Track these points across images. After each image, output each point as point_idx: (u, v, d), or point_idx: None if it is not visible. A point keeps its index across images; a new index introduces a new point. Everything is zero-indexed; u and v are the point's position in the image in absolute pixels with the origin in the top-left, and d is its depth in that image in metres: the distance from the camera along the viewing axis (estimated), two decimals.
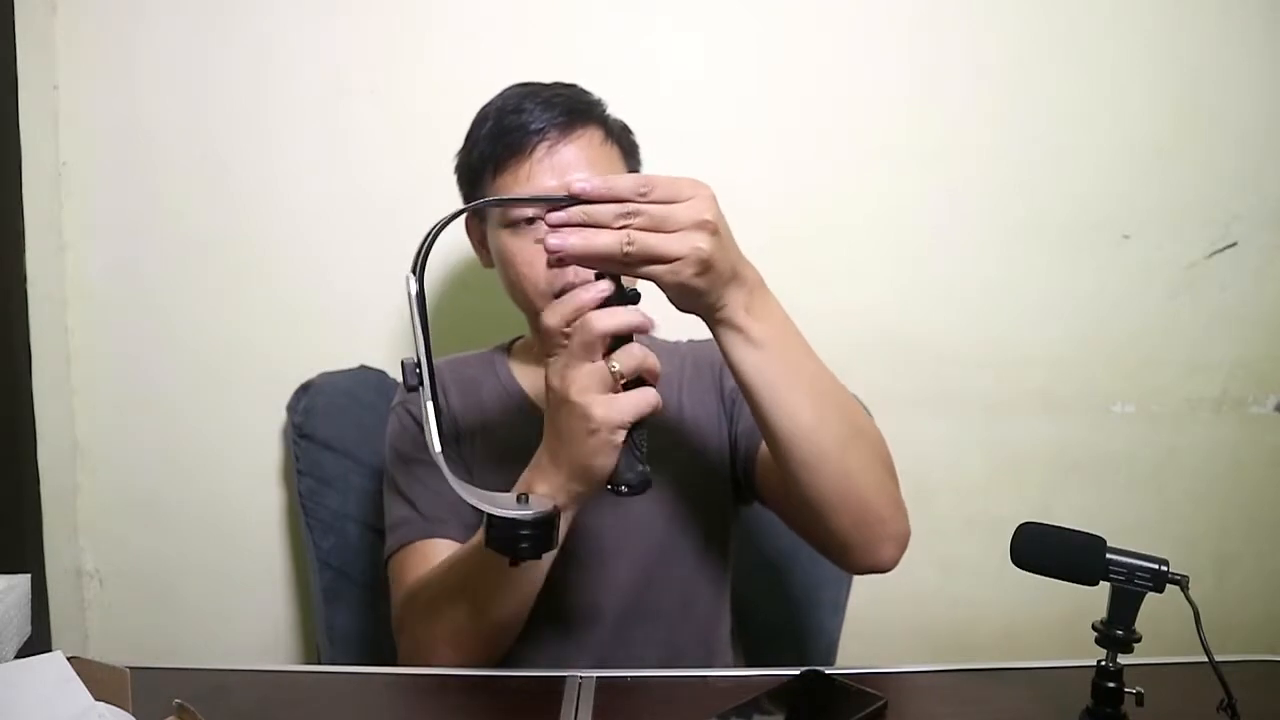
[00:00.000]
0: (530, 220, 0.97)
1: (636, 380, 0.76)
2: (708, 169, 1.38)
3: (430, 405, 0.67)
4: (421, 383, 0.67)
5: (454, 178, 1.07)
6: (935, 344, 1.44)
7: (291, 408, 1.30)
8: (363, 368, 1.34)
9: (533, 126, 0.96)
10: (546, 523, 0.69)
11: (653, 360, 0.76)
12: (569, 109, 0.98)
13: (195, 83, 1.37)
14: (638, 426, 0.75)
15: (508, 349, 1.14)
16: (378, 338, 1.39)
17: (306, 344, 1.39)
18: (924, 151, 1.40)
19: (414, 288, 0.67)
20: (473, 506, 0.69)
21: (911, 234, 1.42)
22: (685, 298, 0.74)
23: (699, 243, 0.70)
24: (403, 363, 0.67)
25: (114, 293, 1.41)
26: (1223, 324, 1.46)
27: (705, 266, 0.71)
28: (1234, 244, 1.44)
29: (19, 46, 1.30)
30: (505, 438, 1.03)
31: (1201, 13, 1.39)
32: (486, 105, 1.02)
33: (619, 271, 0.73)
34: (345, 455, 1.27)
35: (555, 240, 0.69)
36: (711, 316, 0.77)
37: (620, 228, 0.69)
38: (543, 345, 0.77)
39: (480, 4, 1.36)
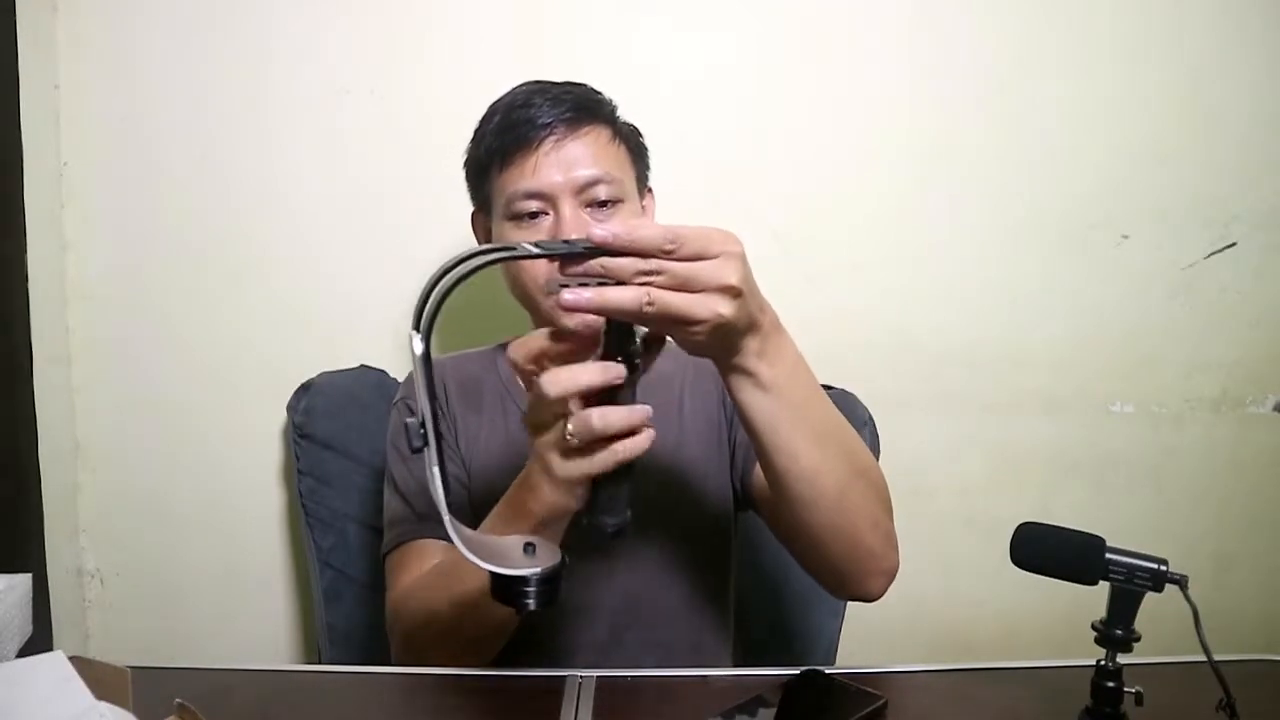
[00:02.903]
0: (534, 214, 0.97)
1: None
2: (708, 169, 1.40)
3: (437, 469, 0.64)
4: (427, 444, 0.63)
5: (453, 177, 1.07)
6: (935, 344, 1.44)
7: (291, 408, 1.30)
8: (363, 368, 1.34)
9: (540, 121, 0.96)
10: (552, 578, 0.66)
11: (618, 419, 0.69)
12: (577, 105, 0.98)
13: (196, 83, 1.37)
14: (628, 470, 0.72)
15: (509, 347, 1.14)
16: (378, 338, 1.39)
17: (306, 344, 1.39)
18: (924, 151, 1.41)
19: (419, 348, 0.62)
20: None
21: (911, 234, 1.42)
22: (695, 349, 0.72)
23: (721, 308, 0.66)
24: (406, 424, 0.63)
25: (115, 293, 1.41)
26: (1222, 324, 1.46)
27: (723, 331, 0.69)
28: (1233, 244, 1.44)
29: (20, 46, 1.30)
30: (504, 438, 1.03)
31: (1201, 13, 1.39)
32: (496, 101, 1.02)
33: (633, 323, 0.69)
34: (345, 455, 1.27)
35: (570, 296, 0.64)
36: (721, 363, 0.74)
37: (641, 284, 0.64)
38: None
39: (480, 4, 1.36)
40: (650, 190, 1.09)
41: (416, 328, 0.62)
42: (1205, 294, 1.45)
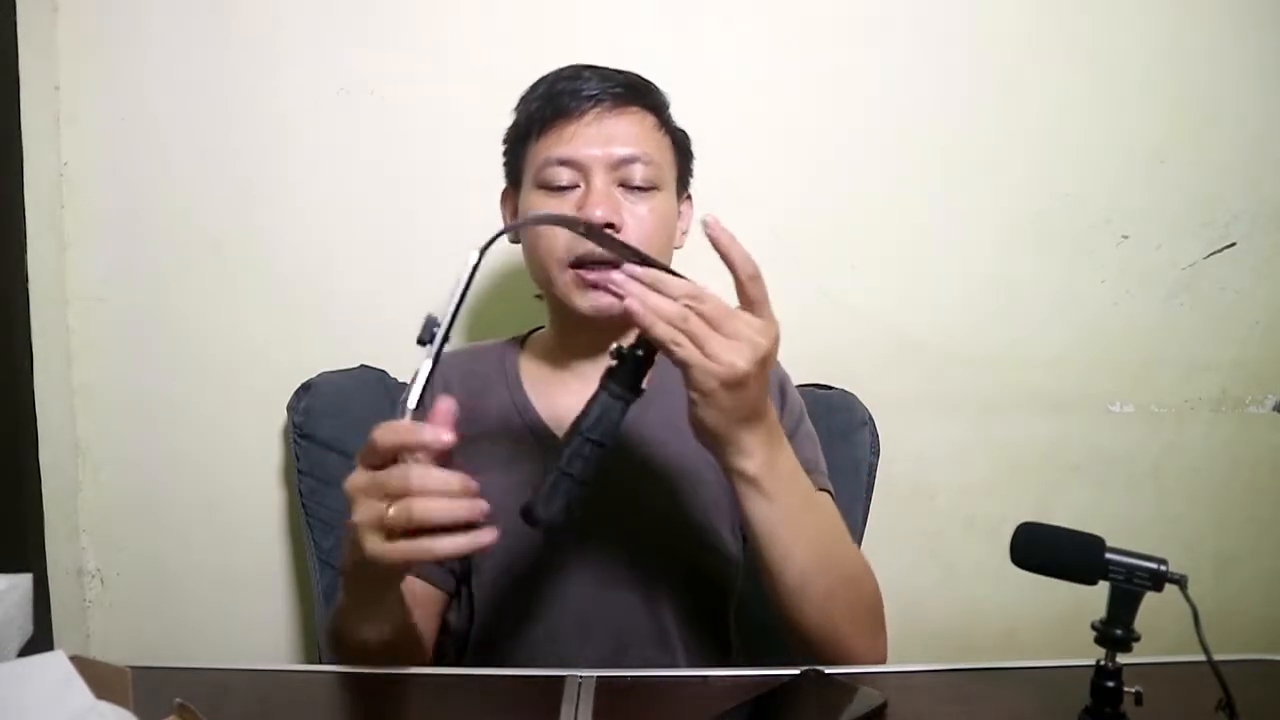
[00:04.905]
0: (564, 187, 0.95)
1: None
2: (708, 168, 1.40)
3: (429, 363, 0.67)
4: (431, 340, 0.67)
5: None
6: (935, 344, 1.44)
7: (291, 408, 1.30)
8: (363, 368, 1.34)
9: (585, 92, 0.95)
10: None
11: (442, 511, 0.65)
12: (628, 84, 0.97)
13: (196, 83, 1.37)
14: (584, 482, 0.74)
15: (522, 342, 1.11)
16: (378, 338, 1.39)
17: (306, 344, 1.39)
18: (924, 151, 1.41)
19: (474, 259, 0.68)
20: None
21: (911, 234, 1.42)
22: (708, 412, 0.74)
23: (739, 359, 0.72)
24: (429, 316, 0.67)
25: (115, 293, 1.41)
26: (1222, 324, 1.46)
27: (737, 383, 0.72)
28: (1233, 244, 1.44)
29: (20, 47, 1.30)
30: (500, 449, 1.00)
31: (1201, 13, 1.39)
32: (544, 75, 1.01)
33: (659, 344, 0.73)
34: (345, 455, 1.27)
35: (619, 277, 0.72)
36: (729, 460, 0.78)
37: (685, 306, 0.71)
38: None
39: (482, 4, 1.36)
40: (689, 198, 1.07)
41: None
42: (1205, 294, 1.45)
